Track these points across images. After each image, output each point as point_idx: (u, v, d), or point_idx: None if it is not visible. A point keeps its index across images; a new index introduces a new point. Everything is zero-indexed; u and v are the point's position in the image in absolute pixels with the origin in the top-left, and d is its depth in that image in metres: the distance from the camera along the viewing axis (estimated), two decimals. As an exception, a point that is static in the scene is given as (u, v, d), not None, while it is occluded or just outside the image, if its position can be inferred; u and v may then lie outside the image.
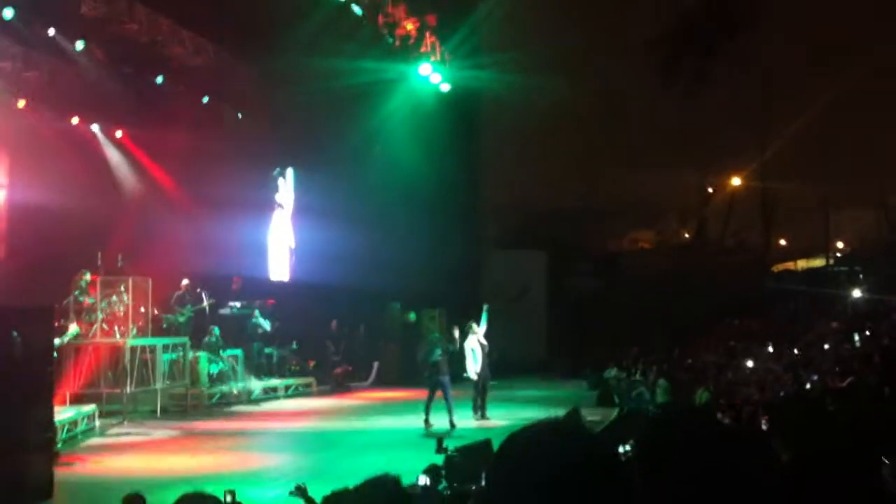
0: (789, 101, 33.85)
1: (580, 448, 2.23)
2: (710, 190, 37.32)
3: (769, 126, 34.19)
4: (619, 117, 34.68)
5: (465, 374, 17.27)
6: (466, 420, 16.66)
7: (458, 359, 17.14)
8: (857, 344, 15.06)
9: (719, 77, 34.17)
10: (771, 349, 18.62)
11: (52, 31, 17.46)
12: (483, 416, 17.02)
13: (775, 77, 33.43)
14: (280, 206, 26.13)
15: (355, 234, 24.07)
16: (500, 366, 23.40)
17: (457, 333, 17.40)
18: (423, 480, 8.38)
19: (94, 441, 15.33)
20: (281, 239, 26.11)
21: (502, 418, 16.80)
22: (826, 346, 16.05)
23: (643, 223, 40.46)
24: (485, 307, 17.89)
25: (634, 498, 2.52)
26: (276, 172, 25.71)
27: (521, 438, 2.33)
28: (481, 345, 17.19)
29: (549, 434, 2.25)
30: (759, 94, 33.50)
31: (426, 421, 16.35)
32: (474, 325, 17.32)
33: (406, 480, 8.87)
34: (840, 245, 37.83)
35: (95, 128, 21.34)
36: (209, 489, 4.36)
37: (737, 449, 3.09)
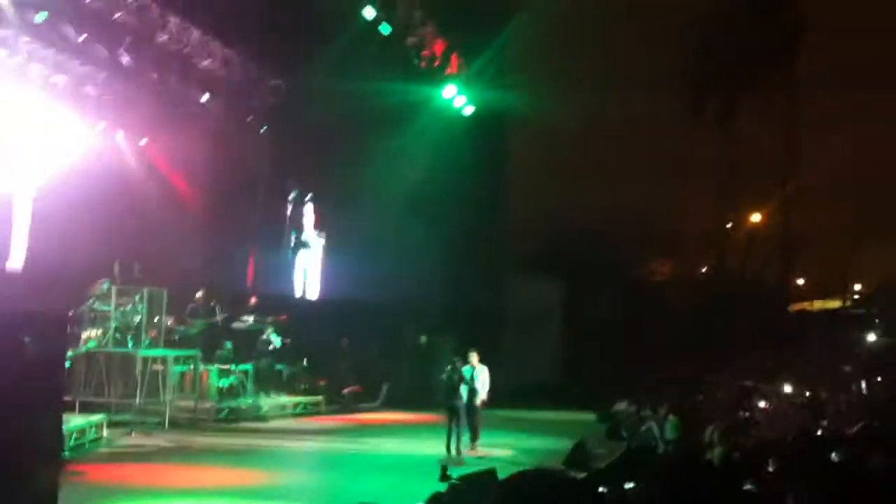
0: (816, 141, 33.69)
1: (566, 490, 2.34)
2: (730, 224, 37.15)
3: (794, 163, 34.04)
4: (644, 143, 34.59)
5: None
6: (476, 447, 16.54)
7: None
8: (864, 392, 14.94)
9: (748, 110, 34.04)
10: (784, 389, 18.47)
11: (82, 37, 17.61)
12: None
13: (803, 113, 33.30)
14: (303, 226, 26.19)
15: (371, 253, 24.09)
16: (513, 392, 23.32)
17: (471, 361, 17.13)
18: (424, 508, 8.30)
19: (102, 450, 15.36)
20: (304, 258, 26.15)
21: (509, 447, 16.70)
22: (838, 390, 15.92)
23: (663, 253, 40.28)
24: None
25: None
26: (295, 195, 25.67)
27: (517, 481, 2.43)
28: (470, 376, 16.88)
29: (540, 478, 2.37)
30: (785, 130, 33.37)
31: (447, 446, 16.13)
32: (472, 356, 17.04)
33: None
34: (857, 287, 37.55)
35: (119, 135, 21.49)
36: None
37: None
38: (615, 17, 32.35)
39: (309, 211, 26.31)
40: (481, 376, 16.89)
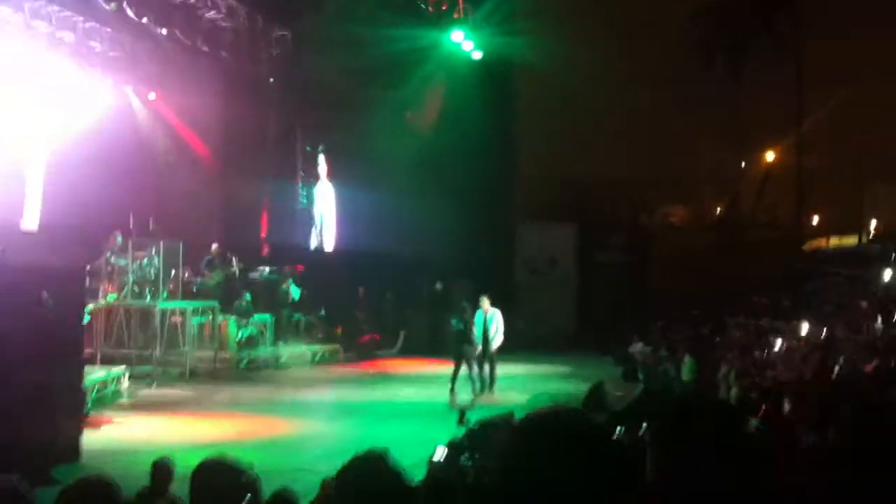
0: (826, 77, 33.30)
1: (581, 430, 2.39)
2: (743, 164, 36.94)
3: (805, 102, 33.73)
4: (655, 90, 34.30)
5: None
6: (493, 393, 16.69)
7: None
8: (880, 329, 14.92)
9: (758, 54, 33.69)
10: (801, 328, 18.46)
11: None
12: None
13: (813, 52, 32.91)
14: (319, 176, 26.18)
15: (384, 203, 24.08)
16: (529, 339, 23.42)
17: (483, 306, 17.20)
18: (441, 452, 8.41)
19: (123, 402, 15.56)
20: (318, 208, 26.18)
21: (526, 392, 16.82)
22: (854, 328, 15.90)
23: (676, 198, 40.12)
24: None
25: (642, 480, 2.63)
26: (306, 146, 25.65)
27: (531, 422, 2.46)
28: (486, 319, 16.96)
29: (555, 418, 2.41)
30: (797, 69, 33.02)
31: (451, 389, 16.41)
32: (484, 301, 17.12)
33: (427, 452, 8.95)
34: (874, 223, 37.31)
35: (129, 90, 21.45)
36: (230, 455, 4.38)
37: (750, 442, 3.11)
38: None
39: (322, 162, 26.27)
40: (494, 321, 16.97)
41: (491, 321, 16.92)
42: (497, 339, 16.93)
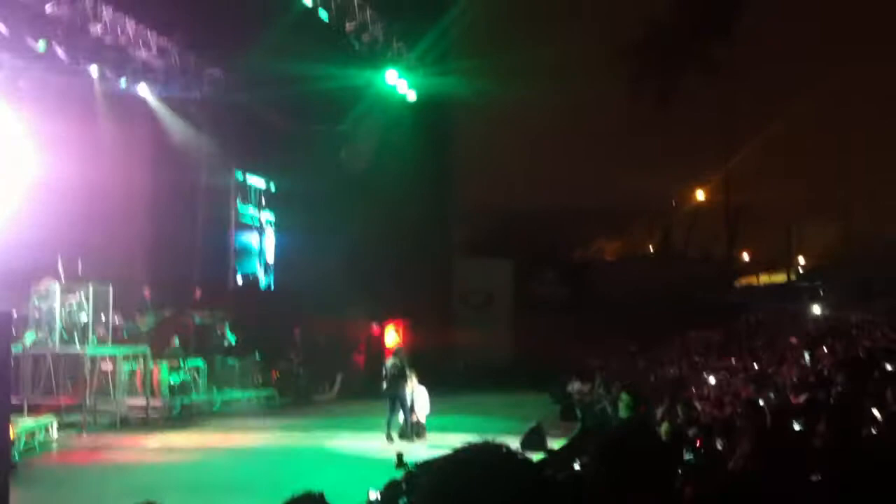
0: (757, 115, 34.18)
1: (510, 466, 2.40)
2: (674, 202, 37.65)
3: (735, 138, 34.53)
4: (588, 124, 34.86)
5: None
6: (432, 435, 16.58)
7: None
8: (808, 362, 15.24)
9: (689, 87, 34.47)
10: (732, 363, 18.74)
11: (8, 30, 17.19)
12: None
13: (744, 87, 33.75)
14: (253, 215, 26.01)
15: (320, 240, 23.97)
16: (466, 374, 23.32)
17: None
18: (374, 496, 8.32)
19: (52, 452, 15.09)
20: (251, 245, 25.99)
21: (463, 431, 16.72)
22: (784, 363, 16.18)
23: (610, 232, 40.70)
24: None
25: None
26: (238, 176, 25.51)
27: (460, 459, 2.47)
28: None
29: (484, 454, 2.43)
30: (727, 104, 33.80)
31: (388, 435, 16.28)
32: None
33: (363, 496, 8.82)
34: (802, 261, 38.24)
35: (55, 129, 21.02)
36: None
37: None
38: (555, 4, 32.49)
39: (255, 200, 26.13)
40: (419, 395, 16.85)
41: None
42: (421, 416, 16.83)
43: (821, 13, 33.14)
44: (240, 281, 25.55)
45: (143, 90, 21.45)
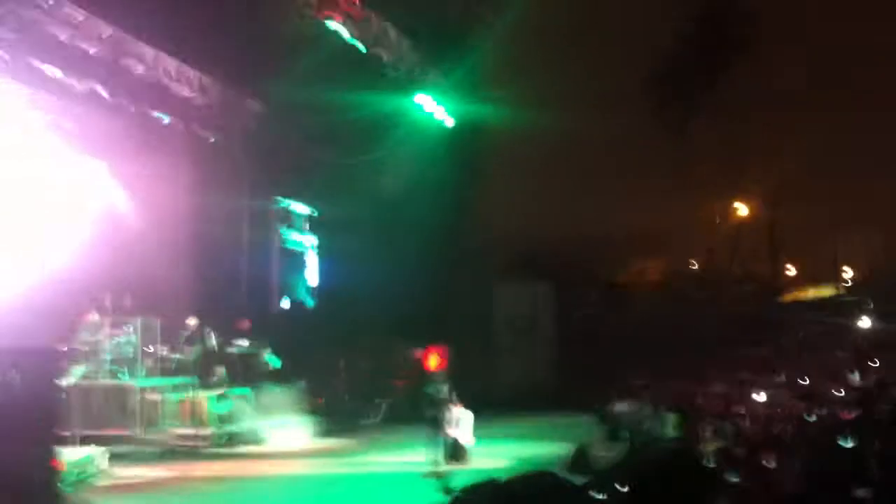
0: (793, 127, 33.84)
1: (561, 493, 2.41)
2: (718, 220, 37.32)
3: (774, 152, 34.16)
4: (625, 150, 34.76)
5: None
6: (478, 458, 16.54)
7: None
8: (858, 377, 15.02)
9: (719, 108, 34.23)
10: (780, 380, 18.51)
11: (56, 72, 17.60)
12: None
13: (776, 101, 33.44)
14: (292, 240, 26.31)
15: (363, 266, 24.12)
16: (507, 398, 23.21)
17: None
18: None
19: (103, 483, 15.28)
20: (293, 272, 26.26)
21: (507, 456, 16.67)
22: (832, 378, 15.96)
23: (652, 253, 40.43)
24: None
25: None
26: (281, 202, 25.82)
27: (512, 486, 2.48)
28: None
29: (536, 481, 2.44)
30: (761, 121, 33.50)
31: (432, 460, 16.24)
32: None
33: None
34: (848, 273, 37.65)
35: (102, 167, 21.45)
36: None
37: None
38: (584, 34, 32.53)
39: (297, 229, 26.42)
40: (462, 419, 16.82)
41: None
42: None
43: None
44: (284, 306, 25.76)
45: (185, 125, 21.76)
